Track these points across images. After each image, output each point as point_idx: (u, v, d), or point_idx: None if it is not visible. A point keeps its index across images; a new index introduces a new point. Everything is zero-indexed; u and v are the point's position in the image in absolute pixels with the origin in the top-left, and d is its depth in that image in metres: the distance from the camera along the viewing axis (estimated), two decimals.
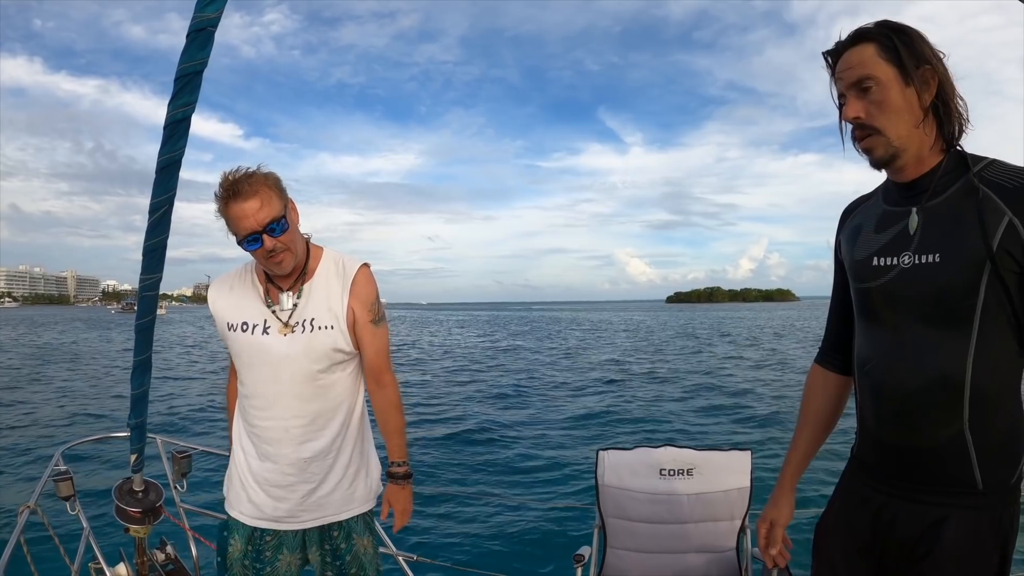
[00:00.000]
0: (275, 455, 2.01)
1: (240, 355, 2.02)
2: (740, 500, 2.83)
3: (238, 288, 2.07)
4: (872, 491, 1.45)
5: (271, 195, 1.86)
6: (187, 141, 1.86)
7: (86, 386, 17.66)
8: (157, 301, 2.28)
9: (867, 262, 1.43)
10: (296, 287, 2.01)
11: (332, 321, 1.99)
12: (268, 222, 1.84)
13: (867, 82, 1.33)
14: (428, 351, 30.65)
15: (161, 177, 1.89)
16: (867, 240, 1.45)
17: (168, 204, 1.95)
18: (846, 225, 1.56)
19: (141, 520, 2.92)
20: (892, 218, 1.41)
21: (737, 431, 10.98)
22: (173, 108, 1.78)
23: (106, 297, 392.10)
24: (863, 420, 1.47)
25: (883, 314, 1.39)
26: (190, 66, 1.72)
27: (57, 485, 2.90)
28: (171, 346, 32.95)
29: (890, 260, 1.38)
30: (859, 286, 1.45)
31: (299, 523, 2.06)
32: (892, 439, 1.38)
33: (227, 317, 2.03)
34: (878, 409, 1.40)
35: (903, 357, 1.35)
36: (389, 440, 2.12)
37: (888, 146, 1.34)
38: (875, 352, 1.41)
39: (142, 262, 2.09)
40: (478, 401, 14.71)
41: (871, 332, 1.43)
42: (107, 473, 7.62)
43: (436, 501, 6.76)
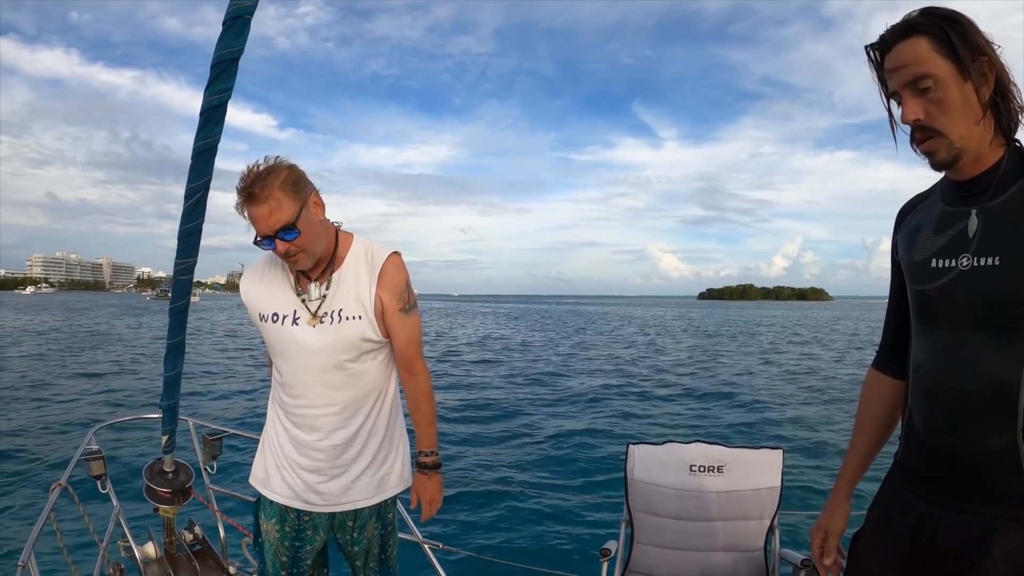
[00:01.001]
0: (307, 441, 2.03)
1: (272, 345, 2.04)
2: (770, 499, 2.79)
3: (268, 278, 2.08)
4: (916, 499, 1.40)
5: (282, 198, 1.82)
6: (223, 128, 1.88)
7: (120, 369, 18.00)
8: (191, 285, 2.30)
9: (925, 264, 1.37)
10: (325, 277, 2.01)
11: (360, 311, 1.98)
12: (278, 228, 1.83)
13: (924, 81, 1.25)
14: (459, 342, 30.74)
15: (197, 163, 1.91)
16: (926, 241, 1.40)
17: (203, 190, 1.97)
18: (904, 225, 1.50)
19: (171, 500, 2.97)
20: (951, 218, 1.35)
21: (769, 430, 10.85)
22: (209, 95, 1.80)
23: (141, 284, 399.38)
24: (911, 426, 1.42)
25: (940, 317, 1.34)
26: (226, 53, 1.73)
27: (88, 464, 2.95)
28: (205, 332, 33.44)
29: (948, 262, 1.32)
30: (917, 288, 1.40)
31: (330, 507, 2.08)
32: (942, 446, 1.33)
33: (258, 307, 2.05)
34: (929, 415, 1.36)
35: (957, 362, 1.30)
36: (419, 429, 2.12)
37: (951, 148, 1.28)
38: (930, 356, 1.36)
39: (177, 247, 2.12)
40: (508, 392, 14.73)
41: (927, 335, 1.38)
42: (138, 454, 7.76)
43: (463, 491, 6.78)
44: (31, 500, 6.44)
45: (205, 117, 1.83)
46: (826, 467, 8.11)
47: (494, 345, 28.76)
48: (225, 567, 3.01)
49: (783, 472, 2.81)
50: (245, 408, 12.24)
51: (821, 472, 7.92)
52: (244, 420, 11.04)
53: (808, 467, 8.11)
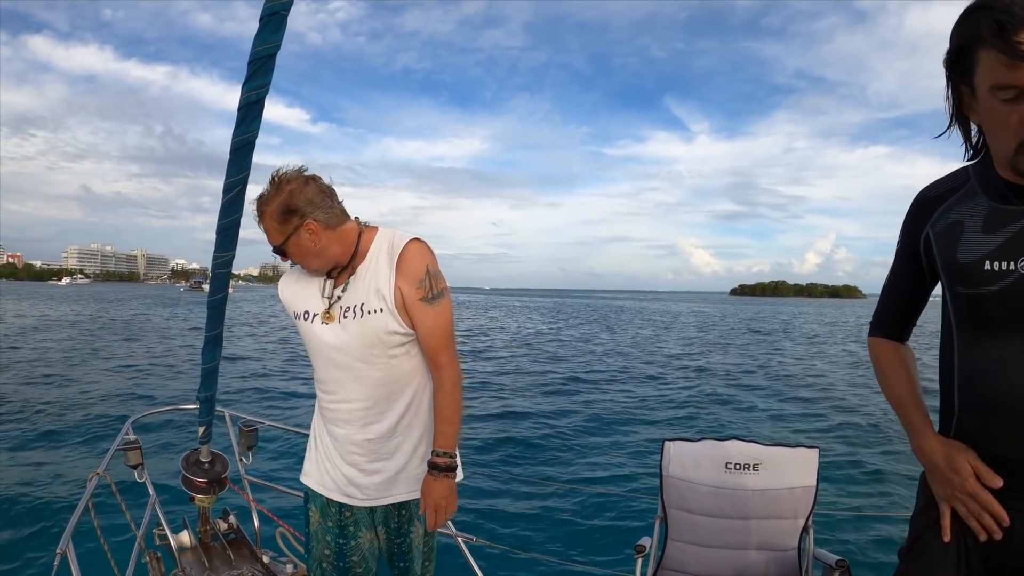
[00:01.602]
0: (342, 436, 2.06)
1: (306, 343, 2.08)
2: (805, 499, 2.75)
3: (305, 277, 2.11)
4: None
5: (271, 227, 1.94)
6: (260, 123, 1.90)
7: (158, 359, 18.30)
8: (229, 279, 2.33)
9: (977, 266, 1.28)
10: (343, 278, 2.02)
11: (381, 304, 1.94)
12: (273, 248, 1.98)
13: None
14: (492, 335, 30.78)
15: (235, 158, 1.93)
16: (974, 240, 1.30)
17: (242, 184, 1.99)
18: (938, 218, 1.38)
19: (206, 490, 3.01)
20: (1005, 217, 1.27)
21: (804, 429, 10.72)
22: (247, 90, 1.81)
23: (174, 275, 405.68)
24: (964, 434, 1.35)
25: (1000, 322, 1.27)
26: (263, 49, 1.74)
27: (126, 454, 3.00)
28: (241, 324, 33.89)
29: (1006, 264, 1.25)
30: (967, 291, 1.31)
31: (369, 501, 2.09)
32: (1012, 454, 1.27)
33: (293, 306, 2.10)
34: (995, 423, 1.29)
35: (1020, 367, 1.24)
36: (439, 426, 1.98)
37: None
38: (991, 363, 1.29)
39: (215, 240, 2.14)
40: (542, 385, 14.72)
41: (984, 341, 1.30)
42: (175, 443, 7.89)
43: (496, 484, 6.78)
44: (70, 489, 6.58)
45: (243, 113, 1.85)
46: (861, 468, 7.99)
47: (529, 339, 28.75)
48: (259, 556, 3.04)
49: (819, 471, 2.77)
50: (280, 400, 12.39)
51: (857, 473, 7.80)
52: (280, 412, 11.17)
53: (844, 468, 7.99)
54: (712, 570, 2.77)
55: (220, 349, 2.56)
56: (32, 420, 9.82)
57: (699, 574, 2.79)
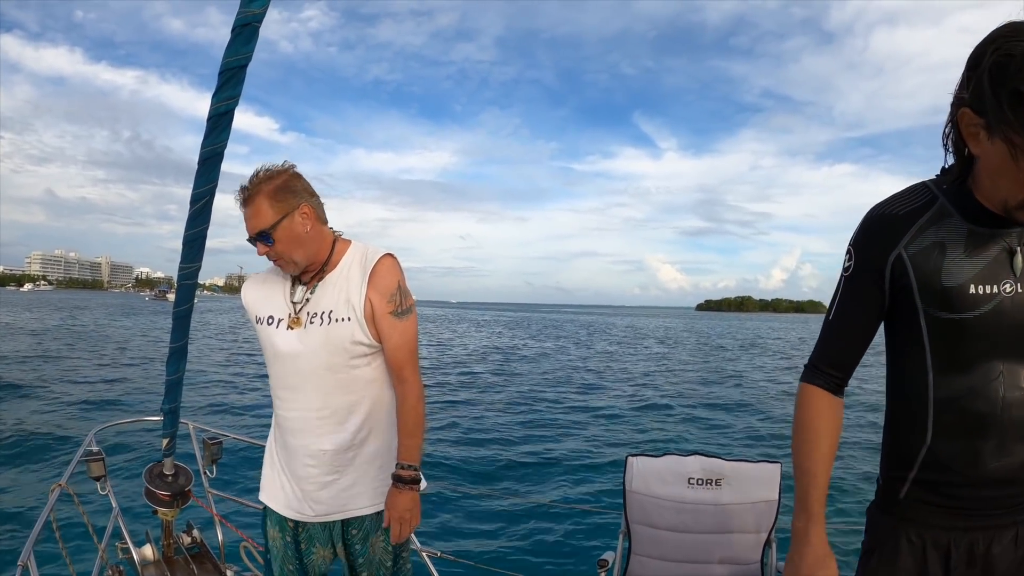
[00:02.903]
0: (297, 446, 2.02)
1: (265, 348, 2.05)
2: (768, 513, 2.79)
3: (269, 282, 2.10)
4: (945, 533, 1.35)
5: (264, 205, 1.89)
6: (230, 134, 1.89)
7: (122, 370, 17.97)
8: (196, 290, 2.32)
9: (962, 290, 1.26)
10: (313, 281, 2.01)
11: (349, 313, 1.95)
12: (255, 233, 1.92)
13: None
14: (458, 349, 30.71)
15: (203, 168, 1.93)
16: (957, 264, 1.27)
17: (209, 195, 1.98)
18: (912, 239, 1.31)
19: (170, 503, 2.98)
20: (983, 240, 1.26)
21: (766, 444, 10.83)
22: (217, 101, 1.81)
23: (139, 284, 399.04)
24: (935, 463, 1.33)
25: (983, 345, 1.27)
26: (234, 60, 1.74)
27: (89, 465, 2.96)
28: (206, 335, 33.41)
29: (990, 288, 1.25)
30: (950, 316, 1.28)
31: (322, 516, 2.05)
32: (993, 473, 1.29)
33: (256, 311, 2.07)
34: (972, 445, 1.29)
35: (1009, 388, 1.26)
36: (404, 439, 1.99)
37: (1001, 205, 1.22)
38: (975, 387, 1.28)
39: (182, 251, 2.13)
40: (506, 400, 14.71)
41: (965, 366, 1.29)
42: (139, 456, 7.76)
43: (461, 499, 6.75)
44: (31, 500, 6.44)
45: (212, 123, 1.84)
46: None
47: (494, 353, 28.72)
48: (222, 570, 3.01)
49: (781, 486, 2.81)
50: (244, 412, 12.22)
51: None
52: (244, 425, 11.02)
53: None
54: None
55: (185, 361, 2.54)
56: None
57: None
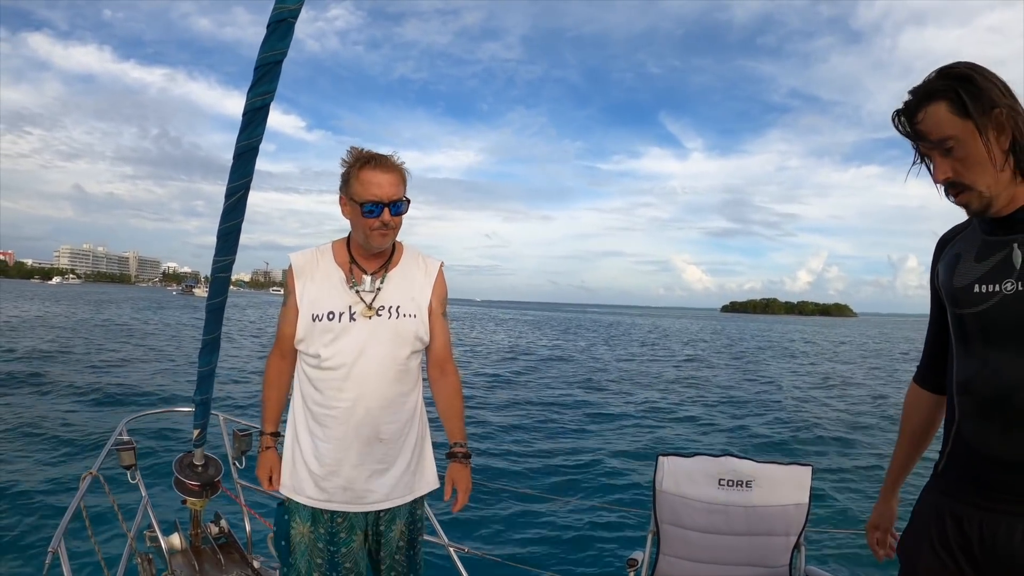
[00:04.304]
0: (351, 437, 2.04)
1: (327, 344, 2.05)
2: (797, 516, 2.76)
3: (319, 278, 2.11)
4: (967, 506, 1.47)
5: (403, 180, 2.04)
6: (264, 129, 1.90)
7: (152, 362, 18.23)
8: (229, 283, 2.33)
9: (968, 289, 1.47)
10: (380, 272, 2.11)
11: (415, 310, 2.12)
12: (395, 198, 2.00)
13: (947, 143, 1.38)
14: (484, 348, 30.75)
15: (239, 163, 1.94)
16: (967, 268, 1.50)
17: (244, 189, 1.99)
18: (944, 254, 1.60)
19: (199, 493, 3.00)
20: (992, 247, 1.46)
21: (798, 447, 10.71)
22: (252, 96, 1.82)
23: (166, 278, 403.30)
24: (961, 439, 1.50)
25: (987, 337, 1.43)
26: (270, 55, 1.75)
27: (120, 454, 2.99)
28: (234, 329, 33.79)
29: (992, 287, 1.43)
30: (959, 312, 1.49)
31: (369, 504, 2.10)
32: (1000, 456, 1.41)
33: (312, 309, 2.07)
34: (982, 428, 1.44)
35: (1008, 377, 1.38)
36: (454, 423, 2.23)
37: (981, 198, 1.41)
38: (978, 374, 1.45)
39: (216, 244, 2.14)
40: (535, 398, 14.69)
41: (972, 355, 1.47)
42: (169, 446, 7.86)
43: (489, 496, 6.75)
44: (62, 488, 6.55)
45: (248, 118, 1.85)
46: (854, 486, 7.99)
47: (520, 352, 28.71)
48: (249, 561, 3.03)
49: (811, 489, 2.78)
50: None
51: (849, 490, 7.80)
52: None
53: (836, 486, 7.99)
54: None
55: (217, 353, 2.56)
56: (26, 419, 9.76)
57: None
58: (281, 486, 2.17)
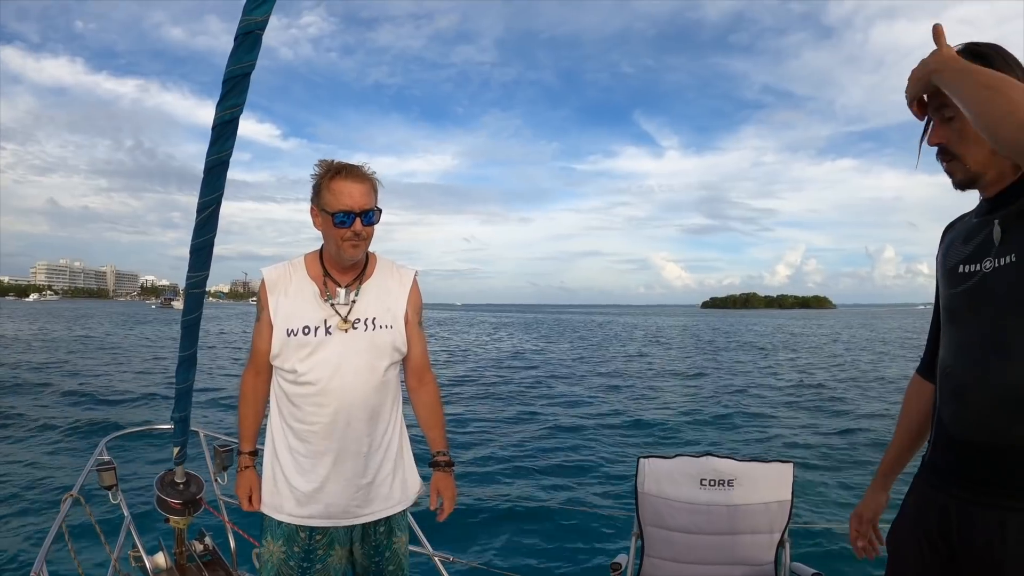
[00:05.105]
0: (332, 451, 2.02)
1: (302, 358, 2.02)
2: (780, 513, 2.77)
3: (293, 292, 2.08)
4: (945, 496, 1.47)
5: (375, 189, 2.03)
6: (235, 142, 1.89)
7: (132, 379, 18.02)
8: (203, 298, 2.32)
9: (955, 270, 1.49)
10: (355, 285, 2.10)
11: (392, 321, 2.11)
12: (366, 208, 1.98)
13: (947, 111, 1.39)
14: (465, 352, 30.70)
15: (209, 177, 1.93)
16: (956, 250, 1.52)
17: (216, 204, 1.98)
18: (944, 240, 1.62)
19: (181, 511, 2.98)
20: (978, 228, 1.47)
21: (779, 444, 10.76)
22: (221, 110, 1.81)
23: (144, 292, 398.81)
24: (942, 425, 1.50)
25: (966, 317, 1.44)
26: (238, 68, 1.75)
27: (100, 475, 2.96)
28: (214, 342, 33.49)
29: (974, 266, 1.44)
30: (947, 292, 1.52)
31: (353, 518, 2.08)
32: (974, 439, 1.39)
33: (286, 324, 2.04)
34: (959, 412, 1.44)
35: (984, 358, 1.38)
36: (435, 432, 2.24)
37: (966, 171, 1.43)
38: (958, 354, 1.46)
39: (189, 260, 2.13)
40: (516, 403, 14.68)
41: (955, 335, 1.48)
42: (150, 464, 7.77)
43: (472, 503, 6.75)
44: (43, 510, 6.45)
45: (217, 132, 1.84)
46: (838, 480, 8.05)
47: (502, 355, 28.68)
48: None
49: (793, 485, 2.80)
50: None
51: (832, 485, 7.86)
52: None
53: (819, 481, 8.04)
54: None
55: (194, 369, 2.54)
56: (3, 442, 9.61)
57: None
58: (261, 505, 2.13)
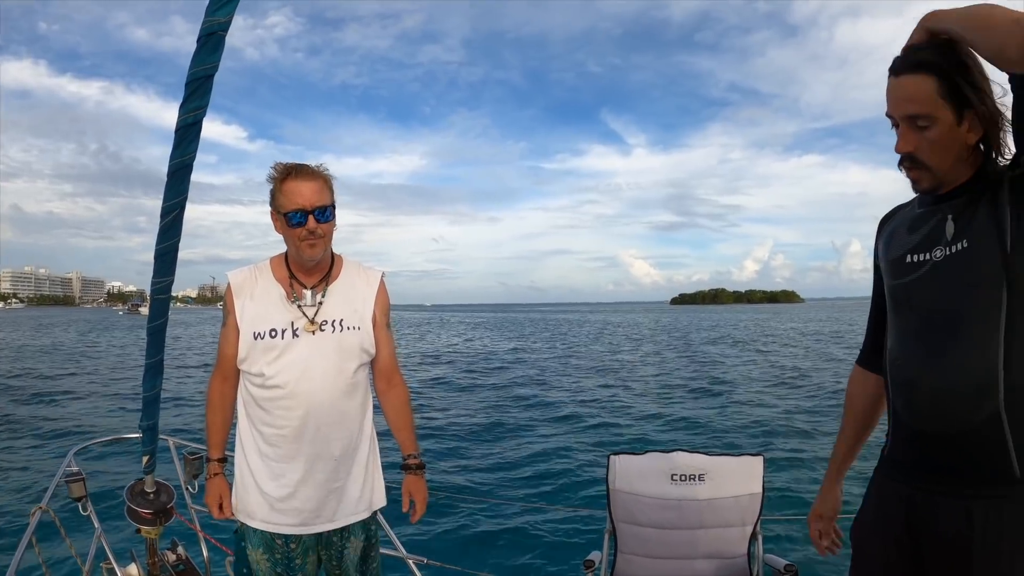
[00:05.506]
0: (303, 455, 2.01)
1: (269, 362, 2.01)
2: (751, 506, 2.81)
3: (259, 295, 2.07)
4: (907, 488, 1.48)
5: (328, 187, 2.02)
6: (198, 145, 1.87)
7: (99, 388, 17.71)
8: (169, 304, 2.29)
9: (901, 260, 1.48)
10: (321, 286, 2.09)
11: (359, 322, 2.09)
12: (319, 205, 1.97)
13: (923, 120, 1.35)
14: (436, 352, 30.62)
15: (172, 181, 1.90)
16: (901, 240, 1.51)
17: (179, 208, 1.95)
18: (883, 231, 1.62)
19: (152, 521, 2.93)
20: (925, 218, 1.47)
21: (749, 437, 10.88)
22: (184, 112, 1.78)
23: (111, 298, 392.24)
24: (897, 416, 1.50)
25: (916, 307, 1.44)
26: (201, 70, 1.72)
27: (69, 486, 2.91)
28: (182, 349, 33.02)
29: (923, 256, 1.43)
30: (893, 283, 1.51)
31: (324, 524, 2.07)
32: (929, 428, 1.40)
33: (253, 327, 2.03)
34: (913, 401, 1.43)
35: (937, 345, 1.38)
36: (405, 434, 2.23)
37: (934, 179, 1.41)
38: (906, 346, 1.45)
39: (154, 265, 2.10)
40: (487, 403, 14.66)
41: (904, 326, 1.48)
42: (119, 474, 7.64)
43: (445, 504, 6.73)
44: (12, 525, 6.31)
45: (180, 135, 1.82)
46: (807, 471, 8.15)
47: (471, 356, 28.64)
48: None
49: (764, 478, 2.84)
50: None
51: (802, 477, 7.96)
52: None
53: (789, 472, 8.14)
54: None
55: (161, 376, 2.50)
56: None
57: None
58: (233, 512, 2.11)
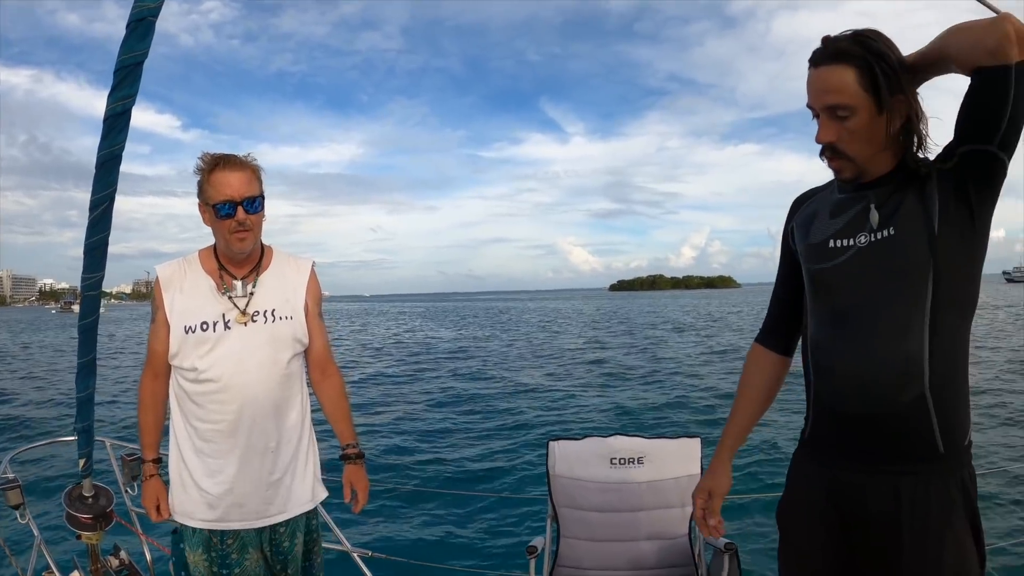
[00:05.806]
0: (239, 449, 1.98)
1: (202, 355, 1.98)
2: (690, 487, 2.85)
3: (188, 288, 2.04)
4: (832, 469, 1.48)
5: (256, 177, 2.00)
6: (127, 135, 1.83)
7: (31, 390, 17.07)
8: (100, 300, 2.23)
9: (823, 245, 1.48)
10: (252, 277, 2.06)
11: (291, 312, 2.07)
12: (248, 196, 1.94)
13: (843, 111, 1.35)
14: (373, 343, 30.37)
15: (101, 173, 1.86)
16: (822, 225, 1.51)
17: (109, 201, 1.91)
18: (798, 214, 1.61)
19: (93, 526, 2.86)
20: (848, 203, 1.47)
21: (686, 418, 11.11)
22: (113, 101, 1.75)
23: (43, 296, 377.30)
24: (820, 400, 1.50)
25: (840, 293, 1.44)
26: (130, 58, 1.69)
27: (5, 494, 2.82)
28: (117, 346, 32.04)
29: (847, 241, 1.44)
30: (814, 267, 1.50)
31: (264, 519, 2.04)
32: (856, 412, 1.40)
33: (184, 321, 1.99)
34: (838, 386, 1.44)
35: (862, 331, 1.39)
36: (342, 424, 2.21)
37: (855, 168, 1.41)
38: (830, 330, 1.46)
39: (84, 261, 2.05)
40: (425, 392, 14.64)
41: (825, 311, 1.47)
42: (57, 479, 7.40)
43: (388, 497, 6.70)
44: None
45: (108, 124, 1.78)
46: (743, 451, 8.37)
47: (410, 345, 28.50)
48: None
49: (702, 459, 2.91)
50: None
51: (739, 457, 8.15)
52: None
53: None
54: (607, 563, 2.85)
55: (95, 376, 2.44)
56: None
57: (594, 568, 2.86)
58: (172, 513, 2.07)
